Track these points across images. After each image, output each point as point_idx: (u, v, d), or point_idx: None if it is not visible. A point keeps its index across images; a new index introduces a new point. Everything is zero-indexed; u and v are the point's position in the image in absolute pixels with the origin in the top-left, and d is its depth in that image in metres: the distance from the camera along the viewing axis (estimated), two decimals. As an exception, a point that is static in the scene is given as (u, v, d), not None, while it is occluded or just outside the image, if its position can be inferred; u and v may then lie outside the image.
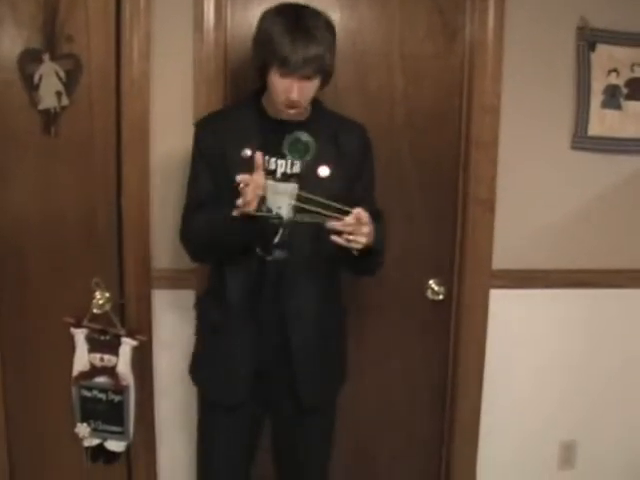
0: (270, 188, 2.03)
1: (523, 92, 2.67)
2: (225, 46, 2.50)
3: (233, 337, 2.20)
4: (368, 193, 2.26)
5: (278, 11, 2.04)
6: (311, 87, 2.06)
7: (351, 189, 2.17)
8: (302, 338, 2.18)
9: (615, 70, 2.72)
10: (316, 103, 2.18)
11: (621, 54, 2.71)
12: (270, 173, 2.11)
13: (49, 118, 2.50)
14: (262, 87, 2.15)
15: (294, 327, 2.17)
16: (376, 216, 2.14)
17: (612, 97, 2.73)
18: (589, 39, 2.67)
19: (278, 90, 2.03)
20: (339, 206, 1.95)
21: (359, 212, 1.95)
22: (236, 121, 2.17)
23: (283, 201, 2.04)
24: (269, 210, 2.03)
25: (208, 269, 2.36)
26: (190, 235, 2.22)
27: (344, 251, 1.99)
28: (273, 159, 2.13)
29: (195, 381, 2.37)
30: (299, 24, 1.97)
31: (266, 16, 2.06)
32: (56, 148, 2.52)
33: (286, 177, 2.12)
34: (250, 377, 2.20)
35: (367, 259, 2.05)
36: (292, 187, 2.02)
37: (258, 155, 1.96)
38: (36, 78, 2.46)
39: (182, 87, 2.50)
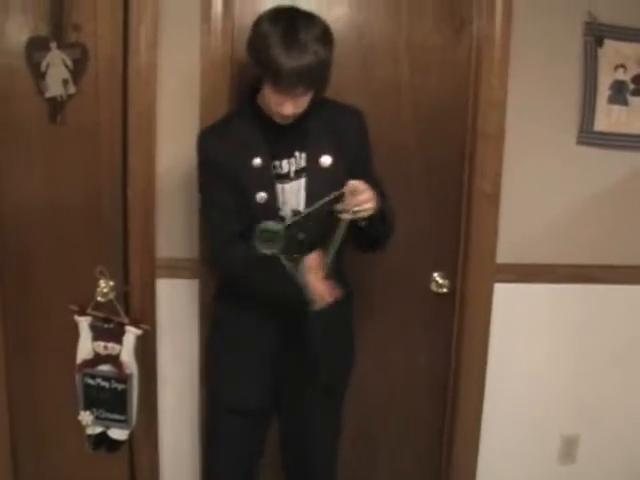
0: (289, 189, 2.13)
1: (530, 86, 2.66)
2: (232, 36, 2.49)
3: (259, 348, 2.22)
4: (369, 174, 2.25)
5: (273, 19, 1.97)
6: (304, 100, 2.05)
7: (352, 175, 2.16)
8: (322, 324, 2.21)
9: (622, 66, 2.71)
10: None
11: (628, 50, 2.70)
12: (285, 176, 2.14)
13: (55, 106, 2.50)
14: (257, 87, 2.13)
15: (314, 315, 2.16)
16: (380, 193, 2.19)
17: (619, 93, 2.72)
18: (597, 34, 2.66)
19: (271, 102, 2.03)
20: (333, 195, 1.99)
21: (351, 184, 1.98)
22: (239, 130, 2.15)
23: (301, 197, 2.14)
24: (294, 211, 2.12)
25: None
26: (229, 270, 2.23)
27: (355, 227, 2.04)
28: (284, 161, 2.14)
29: (211, 389, 2.39)
30: (293, 38, 1.92)
31: (261, 23, 1.99)
32: (62, 136, 2.53)
33: (299, 173, 2.15)
34: (269, 379, 2.24)
35: (378, 226, 2.10)
36: (304, 182, 2.12)
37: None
38: (43, 66, 2.46)
39: (189, 77, 2.50)
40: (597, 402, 2.95)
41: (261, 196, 2.10)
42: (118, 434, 2.61)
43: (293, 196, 2.14)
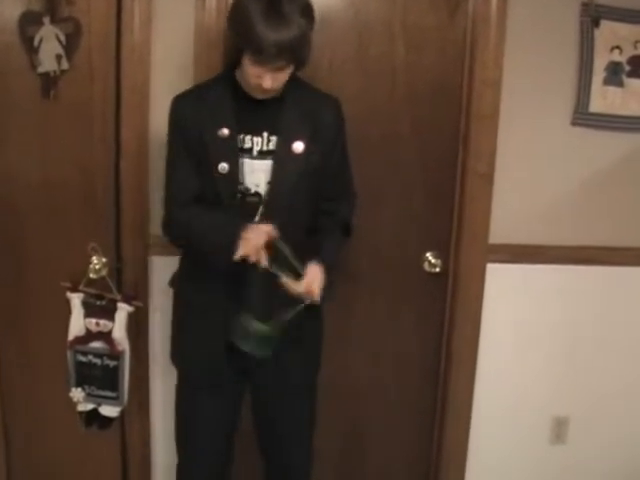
0: (247, 166, 2.10)
1: (525, 67, 2.65)
2: (227, 13, 2.47)
3: (215, 316, 2.20)
4: (342, 169, 2.28)
5: None
6: (284, 75, 2.04)
7: (325, 165, 2.18)
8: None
9: (618, 47, 2.70)
10: (291, 77, 2.12)
11: (624, 31, 2.69)
12: (246, 151, 2.13)
13: (48, 81, 2.48)
14: (236, 60, 2.12)
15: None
16: (346, 204, 2.28)
17: (614, 74, 2.71)
18: (593, 15, 2.65)
19: (250, 75, 2.03)
20: (296, 264, 2.07)
21: (307, 281, 2.07)
22: (211, 99, 2.14)
23: (260, 178, 2.12)
24: (247, 189, 2.11)
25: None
26: (177, 234, 2.25)
27: None
28: (249, 137, 2.13)
29: (178, 364, 2.37)
30: (275, 10, 1.91)
31: None
32: (55, 112, 2.51)
33: (262, 154, 2.13)
34: (232, 354, 2.20)
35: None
36: (268, 164, 2.10)
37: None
38: (36, 41, 2.44)
39: (183, 53, 2.49)
40: (588, 383, 2.96)
41: (223, 166, 2.09)
42: (109, 411, 2.61)
43: (254, 174, 2.13)
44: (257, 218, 2.12)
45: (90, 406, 2.61)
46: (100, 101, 2.51)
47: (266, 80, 2.00)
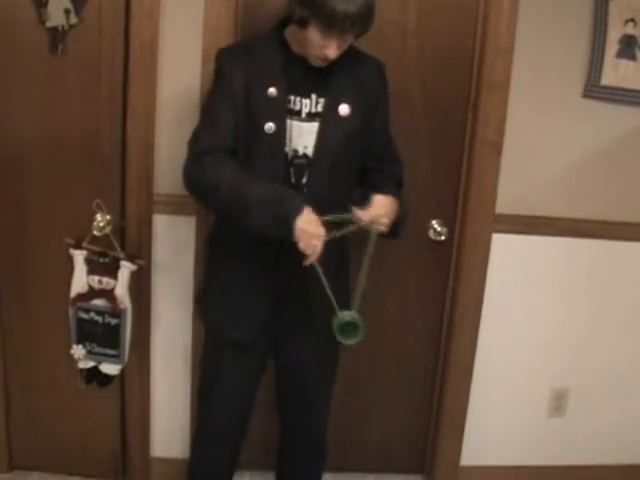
0: (296, 128, 2.10)
1: (538, 36, 2.62)
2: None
3: (251, 274, 2.20)
4: (385, 129, 2.28)
5: None
6: (347, 44, 2.05)
7: (369, 126, 2.18)
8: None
9: (632, 20, 2.67)
10: None
11: (639, 4, 2.66)
12: (295, 113, 2.12)
13: (56, 36, 2.46)
14: (286, 19, 2.11)
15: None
16: (394, 163, 2.31)
17: (627, 47, 2.68)
18: (608, -14, 2.63)
19: (315, 44, 2.01)
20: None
21: (379, 200, 2.07)
22: (260, 57, 2.12)
23: (309, 140, 2.12)
24: (295, 150, 2.10)
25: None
26: (202, 189, 2.09)
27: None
28: (298, 98, 2.11)
29: (207, 320, 2.37)
30: None
31: None
32: (62, 67, 2.49)
33: (311, 116, 2.13)
34: (266, 313, 2.22)
35: (396, 230, 2.20)
36: (316, 126, 2.11)
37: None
38: (45, -6, 2.42)
39: (193, 8, 2.46)
40: (589, 356, 2.95)
41: (269, 126, 2.07)
42: (110, 369, 2.62)
43: (301, 136, 2.12)
44: (305, 180, 2.12)
45: (91, 363, 2.62)
46: (108, 57, 2.49)
47: (332, 50, 2.00)
